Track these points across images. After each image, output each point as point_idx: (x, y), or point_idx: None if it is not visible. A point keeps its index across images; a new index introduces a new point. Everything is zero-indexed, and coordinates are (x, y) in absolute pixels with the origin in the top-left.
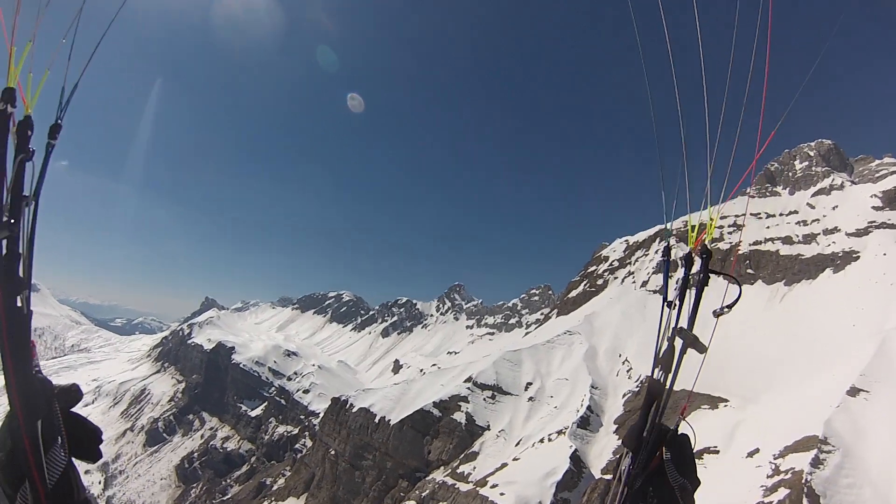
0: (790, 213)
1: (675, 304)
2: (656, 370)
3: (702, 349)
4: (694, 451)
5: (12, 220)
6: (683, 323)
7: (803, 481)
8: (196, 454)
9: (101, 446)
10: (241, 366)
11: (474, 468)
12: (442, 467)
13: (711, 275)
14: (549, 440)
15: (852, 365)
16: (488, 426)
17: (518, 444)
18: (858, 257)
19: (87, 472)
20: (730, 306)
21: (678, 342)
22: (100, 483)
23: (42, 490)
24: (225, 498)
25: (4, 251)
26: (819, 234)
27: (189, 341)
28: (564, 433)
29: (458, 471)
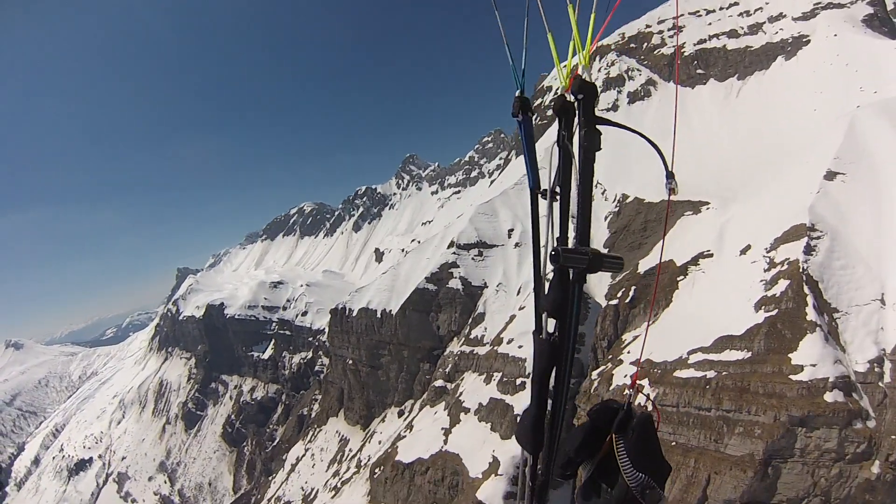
0: (730, 5)
1: (557, 194)
2: (544, 319)
3: (616, 267)
4: (657, 430)
5: None
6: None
7: (800, 270)
8: (233, 416)
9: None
10: (236, 317)
11: (486, 329)
12: (455, 338)
13: (603, 127)
14: (548, 280)
15: (823, 150)
16: (485, 284)
17: (519, 292)
18: (809, 41)
19: (150, 478)
20: (670, 175)
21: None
22: (166, 482)
23: None
24: (275, 443)
25: None
26: (764, 22)
27: (180, 317)
28: None
29: (472, 336)
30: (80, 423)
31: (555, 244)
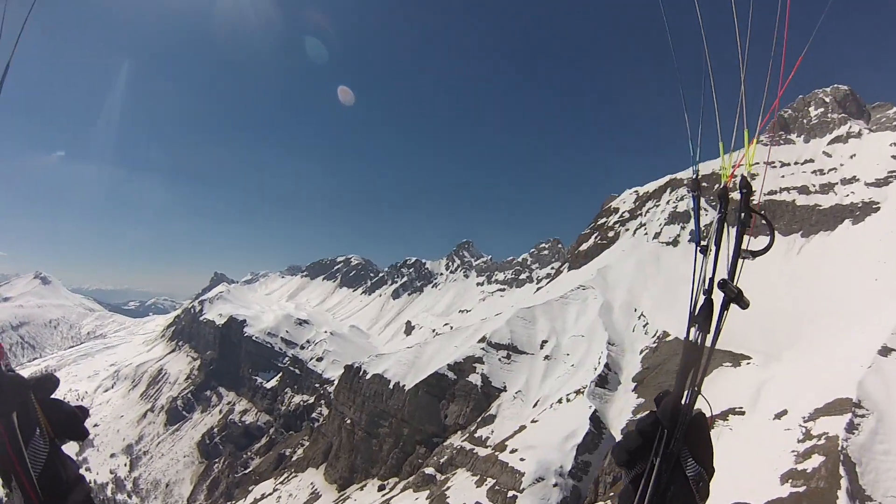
0: (806, 161)
1: (711, 251)
2: (692, 330)
3: (745, 305)
4: (710, 430)
5: None
6: (717, 271)
7: (839, 448)
8: (216, 429)
9: (85, 423)
10: (253, 338)
11: (492, 432)
12: (459, 432)
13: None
14: (568, 400)
15: (880, 322)
16: (505, 387)
17: (536, 405)
18: (878, 208)
19: (112, 455)
20: (756, 252)
21: (716, 296)
22: (125, 465)
23: (27, 480)
24: (246, 471)
25: None
26: (837, 183)
27: (201, 318)
28: (583, 393)
29: (476, 435)
30: (69, 375)
31: (705, 283)
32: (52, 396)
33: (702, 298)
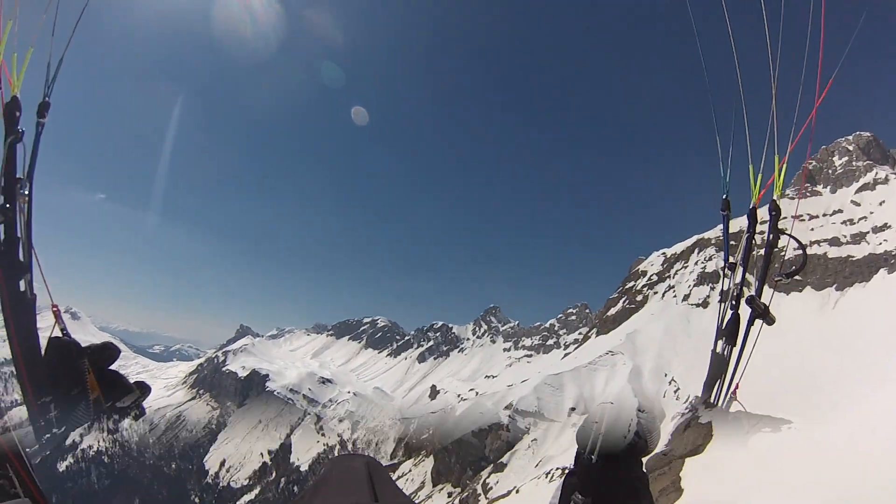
0: (834, 212)
1: (739, 268)
2: (719, 342)
3: (771, 321)
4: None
5: (7, 205)
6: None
7: None
8: None
9: (144, 400)
10: (275, 393)
11: (497, 482)
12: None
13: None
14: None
15: None
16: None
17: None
18: None
19: None
20: (790, 274)
21: (743, 311)
22: None
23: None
24: None
25: (2, 236)
26: (868, 232)
27: (224, 368)
28: None
29: (486, 480)
30: None
31: (732, 298)
32: (111, 367)
33: (729, 313)
